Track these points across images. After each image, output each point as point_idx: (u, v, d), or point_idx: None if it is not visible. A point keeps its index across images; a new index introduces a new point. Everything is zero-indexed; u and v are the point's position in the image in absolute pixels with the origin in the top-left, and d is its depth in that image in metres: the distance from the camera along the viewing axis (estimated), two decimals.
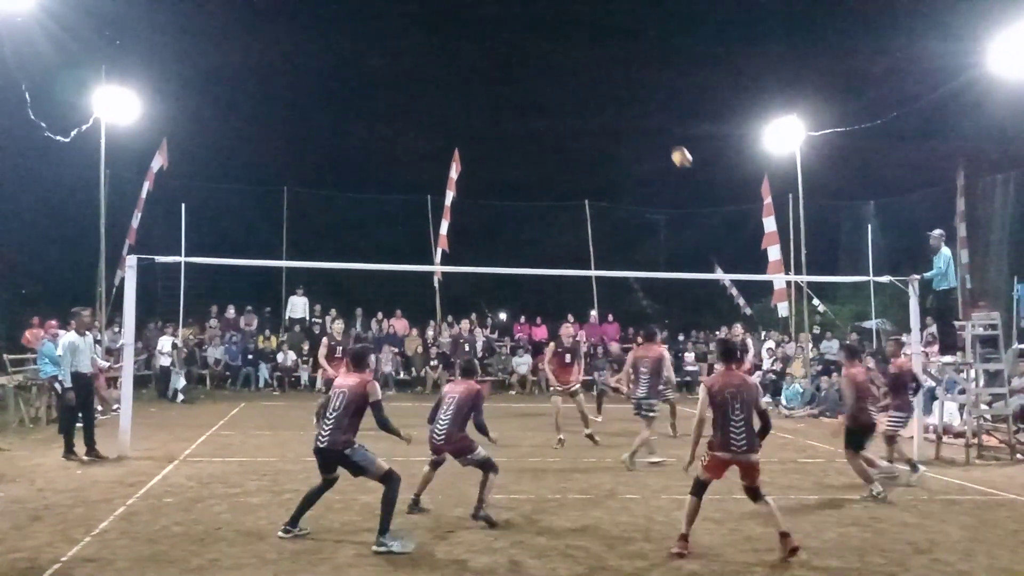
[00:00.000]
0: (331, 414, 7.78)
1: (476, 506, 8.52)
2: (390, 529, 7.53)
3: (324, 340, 15.66)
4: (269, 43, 31.47)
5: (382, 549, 7.39)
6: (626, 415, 15.33)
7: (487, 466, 8.62)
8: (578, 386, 13.91)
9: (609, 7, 34.61)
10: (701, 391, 7.90)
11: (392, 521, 7.57)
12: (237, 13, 30.37)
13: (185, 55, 29.59)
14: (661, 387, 12.57)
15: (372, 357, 8.28)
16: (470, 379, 9.19)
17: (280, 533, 7.79)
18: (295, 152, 32.64)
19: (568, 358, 13.95)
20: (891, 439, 11.84)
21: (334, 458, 7.77)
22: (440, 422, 8.73)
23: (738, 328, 20.97)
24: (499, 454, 12.13)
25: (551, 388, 14.55)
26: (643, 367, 12.13)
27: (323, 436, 7.76)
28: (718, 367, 8.40)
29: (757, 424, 7.67)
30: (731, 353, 8.20)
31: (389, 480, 7.71)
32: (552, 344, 14.47)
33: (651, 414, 11.92)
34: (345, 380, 8.03)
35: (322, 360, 15.32)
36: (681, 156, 14.54)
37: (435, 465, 9.08)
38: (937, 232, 13.93)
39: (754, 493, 7.70)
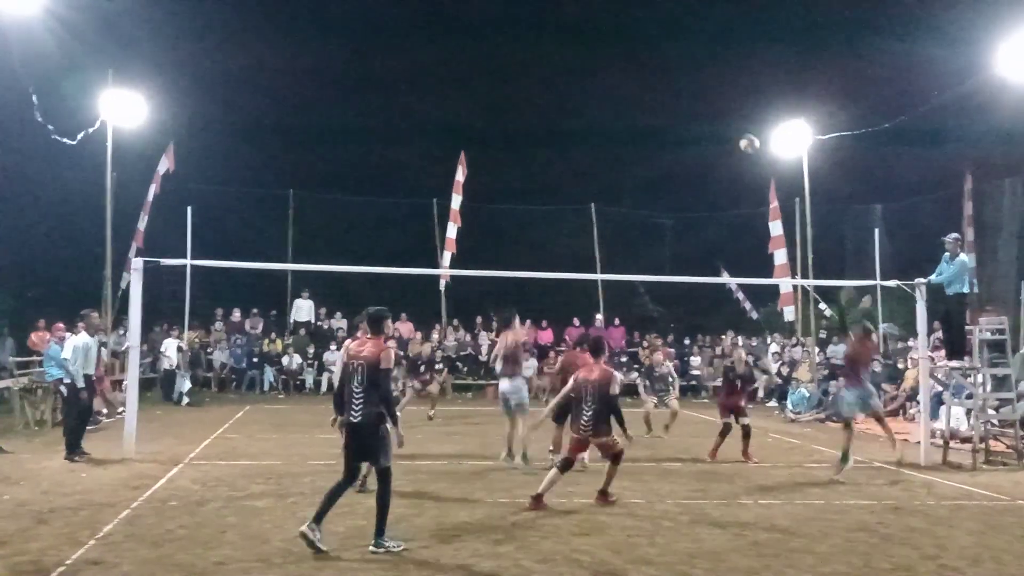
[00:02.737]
0: (357, 388, 7.57)
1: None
2: (385, 529, 7.52)
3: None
4: (275, 47, 31.47)
5: (380, 551, 7.37)
6: None
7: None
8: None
9: (615, 10, 34.59)
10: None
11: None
12: (243, 17, 30.45)
13: (191, 59, 29.68)
14: None
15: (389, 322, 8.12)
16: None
17: (305, 527, 7.44)
18: (300, 155, 32.66)
19: None
20: None
21: (367, 433, 7.54)
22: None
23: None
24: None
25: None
26: None
27: (355, 411, 7.55)
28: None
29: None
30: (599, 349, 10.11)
31: (388, 477, 7.63)
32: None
33: None
34: (360, 349, 7.74)
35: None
36: (747, 143, 15.76)
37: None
38: (952, 236, 13.83)
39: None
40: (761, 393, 23.53)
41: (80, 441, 12.33)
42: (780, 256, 24.56)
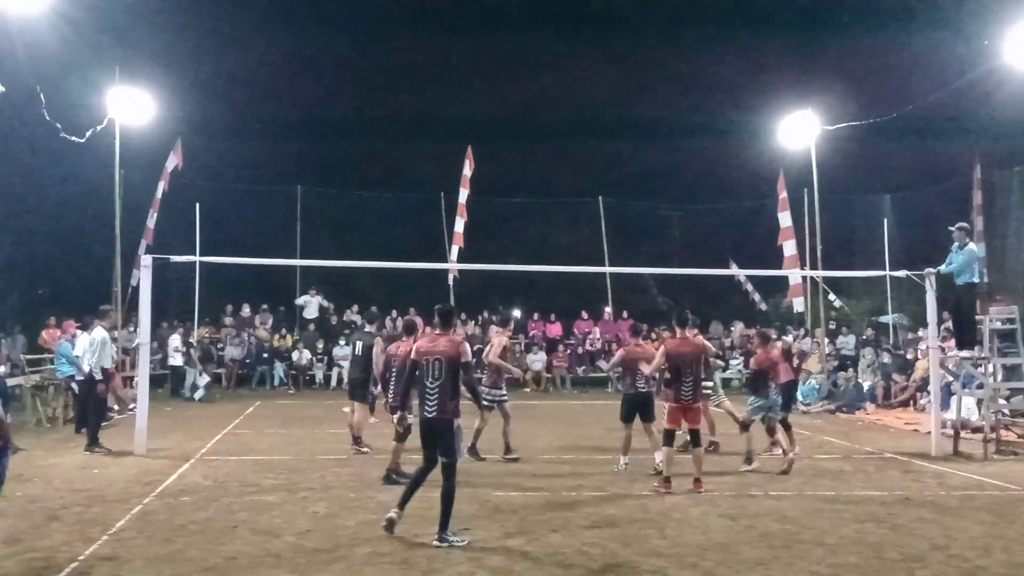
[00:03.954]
0: (432, 383, 7.65)
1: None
2: (449, 524, 7.59)
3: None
4: (282, 43, 31.46)
5: (444, 545, 7.42)
6: None
7: None
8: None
9: (622, 1, 34.46)
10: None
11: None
12: (249, 14, 30.38)
13: (198, 56, 29.65)
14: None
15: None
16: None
17: (392, 513, 7.78)
18: (308, 151, 32.63)
19: None
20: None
21: (442, 428, 7.67)
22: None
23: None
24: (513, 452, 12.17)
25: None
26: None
27: (430, 406, 7.66)
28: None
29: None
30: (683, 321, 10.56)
31: (453, 472, 7.69)
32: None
33: None
34: (435, 345, 7.80)
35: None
36: None
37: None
38: (959, 226, 13.73)
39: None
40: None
41: (98, 432, 12.52)
42: (789, 247, 24.52)
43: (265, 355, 24.73)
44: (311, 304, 26.62)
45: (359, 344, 12.91)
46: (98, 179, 21.40)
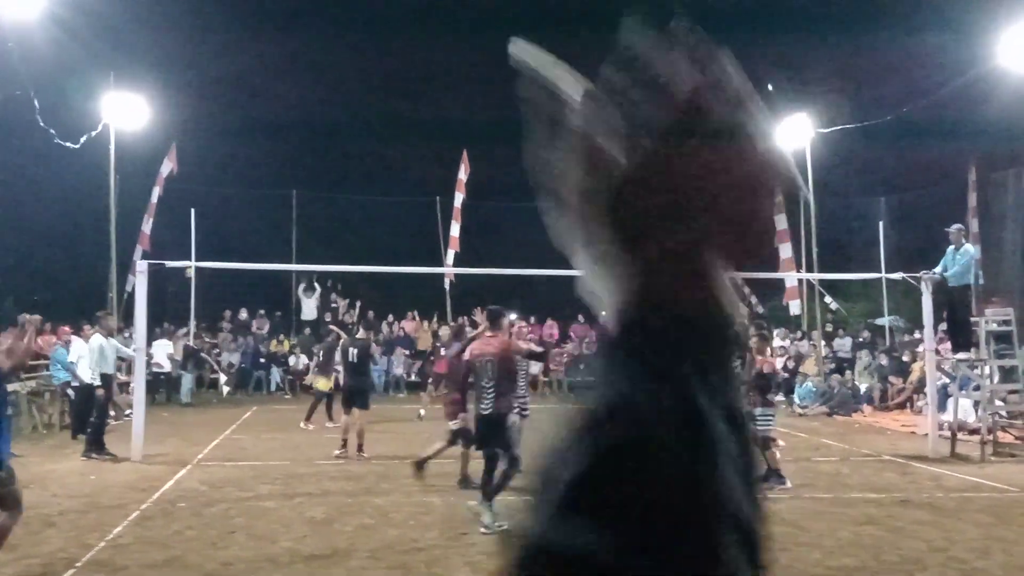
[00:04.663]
0: (487, 383, 8.03)
1: None
2: (493, 505, 7.90)
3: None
4: (276, 47, 31.48)
5: (482, 507, 7.87)
6: None
7: None
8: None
9: (614, 3, 34.48)
10: None
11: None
12: (244, 18, 30.39)
13: (193, 60, 29.65)
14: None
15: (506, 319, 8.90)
16: None
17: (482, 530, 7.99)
18: (303, 156, 32.68)
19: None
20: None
21: (498, 422, 8.03)
22: None
23: None
24: None
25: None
26: None
27: (485, 404, 8.05)
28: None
29: None
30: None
31: (517, 462, 7.95)
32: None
33: None
34: (486, 348, 8.19)
35: None
36: None
37: None
38: (955, 227, 13.74)
39: None
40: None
41: (103, 440, 12.55)
42: (785, 250, 24.54)
43: (262, 360, 24.67)
44: (308, 304, 26.48)
45: (352, 351, 12.86)
46: (93, 184, 21.39)
